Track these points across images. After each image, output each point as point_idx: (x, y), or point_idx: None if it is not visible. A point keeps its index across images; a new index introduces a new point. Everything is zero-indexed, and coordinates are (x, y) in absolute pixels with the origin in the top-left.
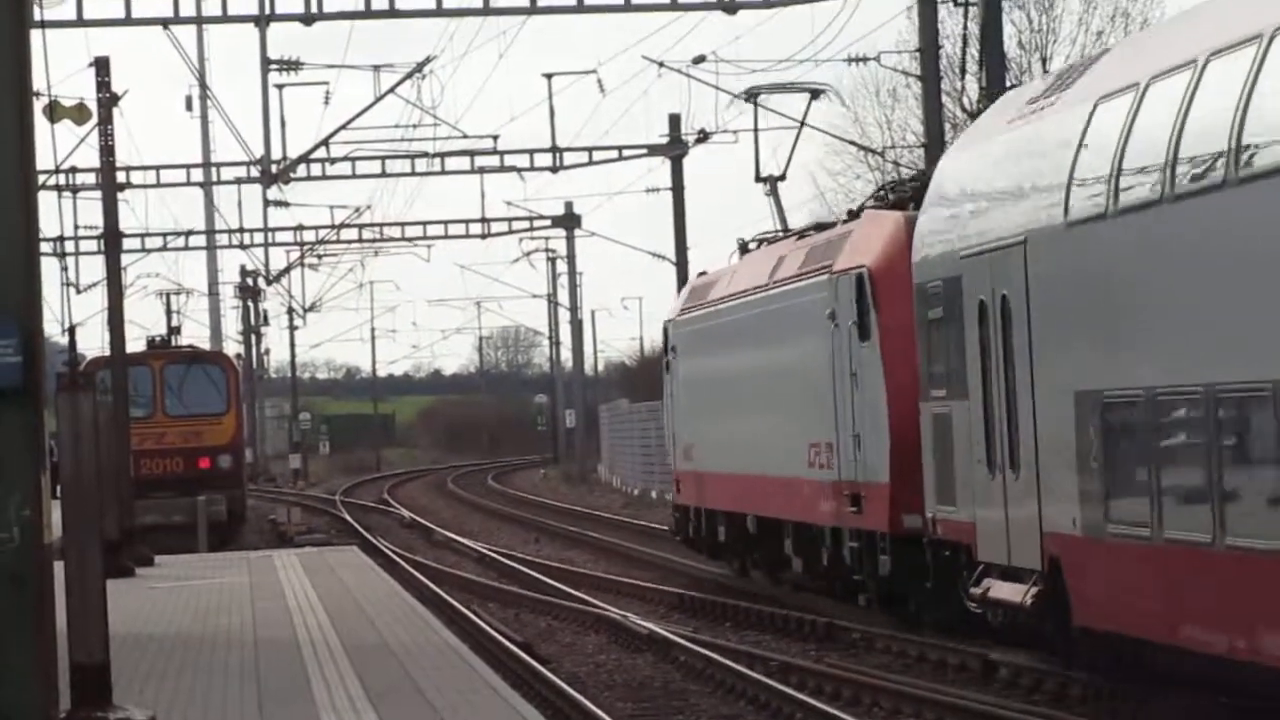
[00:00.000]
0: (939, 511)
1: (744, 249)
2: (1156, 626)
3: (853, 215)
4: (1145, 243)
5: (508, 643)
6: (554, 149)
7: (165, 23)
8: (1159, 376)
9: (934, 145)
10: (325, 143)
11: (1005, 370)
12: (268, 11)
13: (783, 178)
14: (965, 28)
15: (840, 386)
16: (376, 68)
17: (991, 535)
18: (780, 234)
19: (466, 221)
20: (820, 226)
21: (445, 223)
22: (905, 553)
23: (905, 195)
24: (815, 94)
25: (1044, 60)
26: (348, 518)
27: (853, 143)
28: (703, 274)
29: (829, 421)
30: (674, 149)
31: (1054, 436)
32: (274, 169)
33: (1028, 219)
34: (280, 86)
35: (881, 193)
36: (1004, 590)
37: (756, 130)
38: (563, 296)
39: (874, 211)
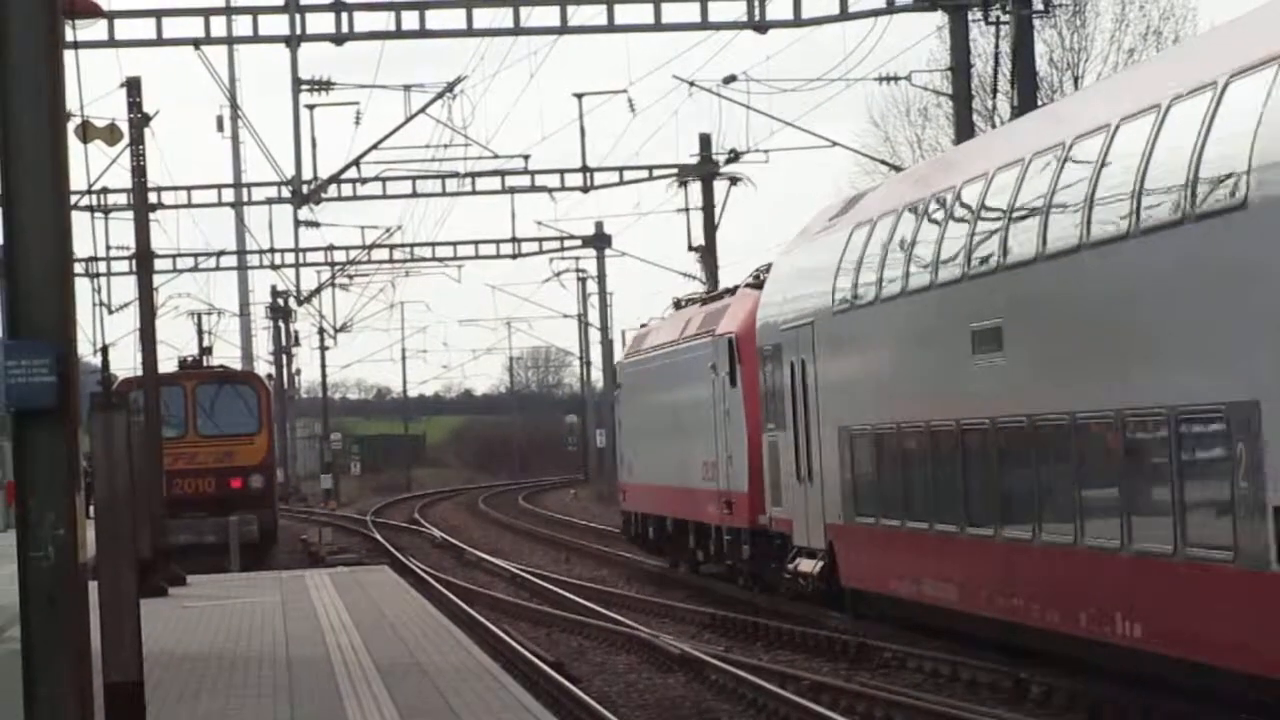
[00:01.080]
0: (774, 511)
1: (677, 305)
2: (880, 581)
3: (733, 290)
4: (863, 331)
5: (539, 662)
6: (584, 168)
7: (196, 43)
8: (873, 418)
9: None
10: (356, 163)
11: (805, 411)
12: (299, 32)
13: (709, 248)
14: (996, 46)
15: (719, 419)
16: (407, 88)
17: (800, 526)
18: (705, 295)
19: (497, 241)
20: (728, 291)
21: (476, 243)
22: (760, 542)
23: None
24: (734, 180)
25: (1076, 78)
26: (379, 538)
27: (884, 162)
28: (644, 325)
29: (713, 446)
30: (705, 168)
31: (830, 457)
32: (305, 189)
33: (814, 306)
34: (311, 106)
35: (755, 275)
36: (805, 565)
37: (688, 209)
38: (593, 316)
39: (744, 290)
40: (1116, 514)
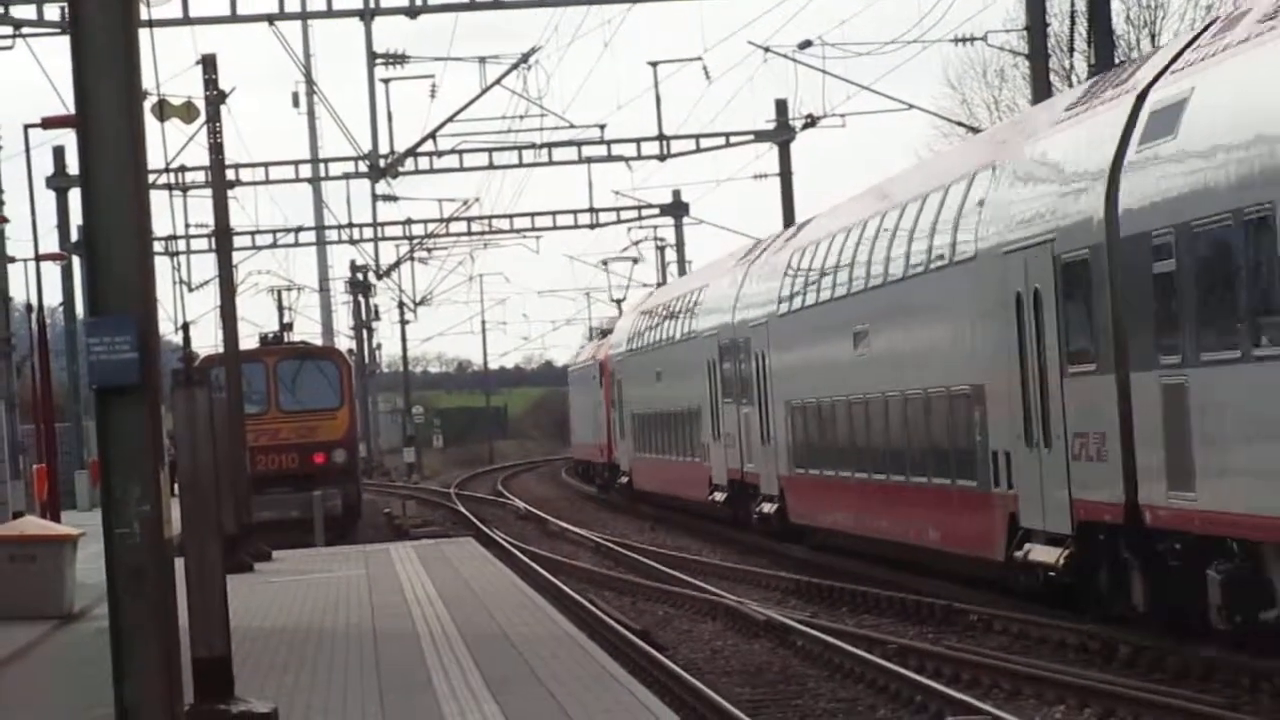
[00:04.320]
0: (747, 467)
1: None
2: (813, 517)
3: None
4: (797, 330)
5: (625, 631)
6: (661, 137)
7: (271, 19)
8: (805, 394)
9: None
10: (432, 136)
11: (765, 389)
12: (373, 5)
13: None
14: (1073, 5)
15: (602, 409)
16: (482, 60)
17: (763, 478)
18: (602, 329)
19: (575, 212)
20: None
21: (553, 213)
22: (738, 492)
23: None
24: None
25: (1153, 36)
26: (462, 510)
27: (960, 123)
28: (582, 347)
29: (604, 423)
30: (781, 134)
31: (780, 424)
32: (382, 163)
33: (763, 312)
34: (386, 80)
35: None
36: (766, 507)
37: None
38: None
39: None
40: (919, 457)
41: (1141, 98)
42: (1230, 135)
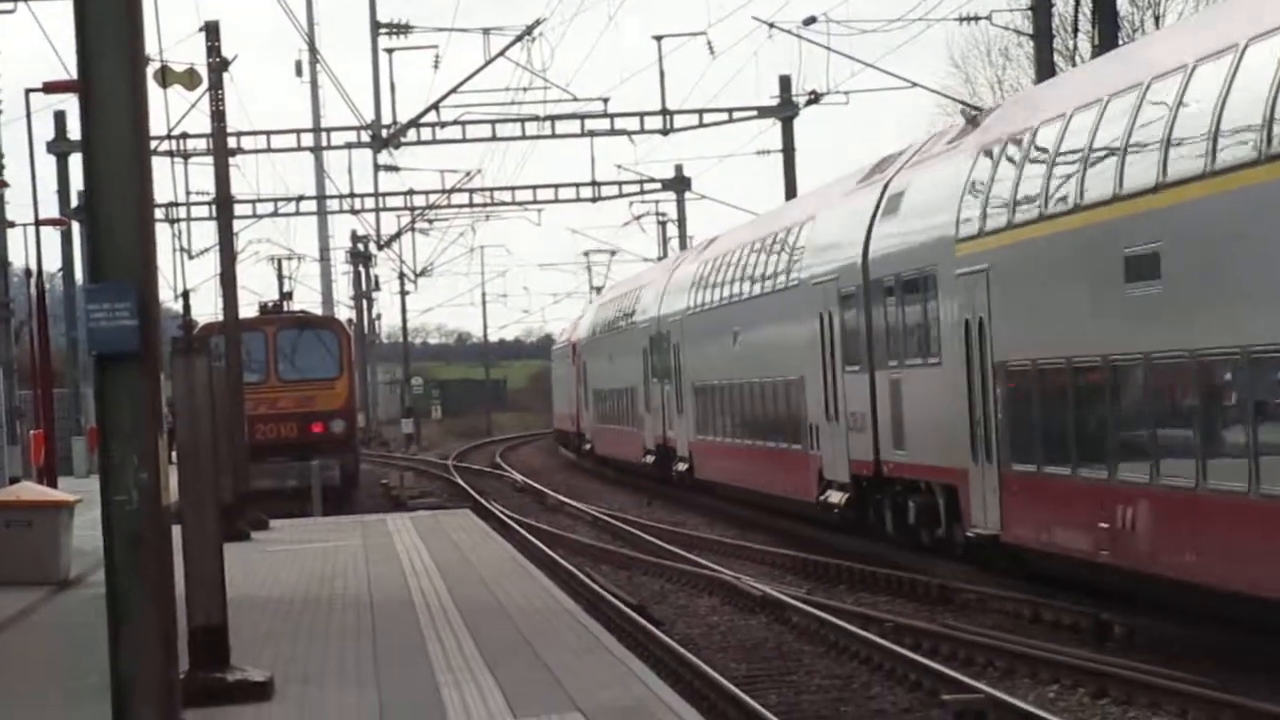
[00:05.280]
0: (669, 434)
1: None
2: (709, 473)
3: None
4: (698, 326)
5: (622, 605)
6: (664, 111)
7: None
8: (700, 378)
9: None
10: (435, 107)
11: (679, 372)
12: None
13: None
14: None
15: (575, 385)
16: (486, 31)
17: (679, 443)
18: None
19: (577, 185)
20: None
21: (555, 186)
22: (663, 455)
23: None
24: (614, 253)
25: (1157, 17)
26: (460, 482)
27: (963, 103)
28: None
29: (574, 398)
30: (784, 110)
31: (689, 401)
32: (384, 133)
33: (679, 310)
34: (390, 51)
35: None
36: (680, 466)
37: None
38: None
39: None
40: (770, 427)
41: (886, 186)
42: (920, 218)
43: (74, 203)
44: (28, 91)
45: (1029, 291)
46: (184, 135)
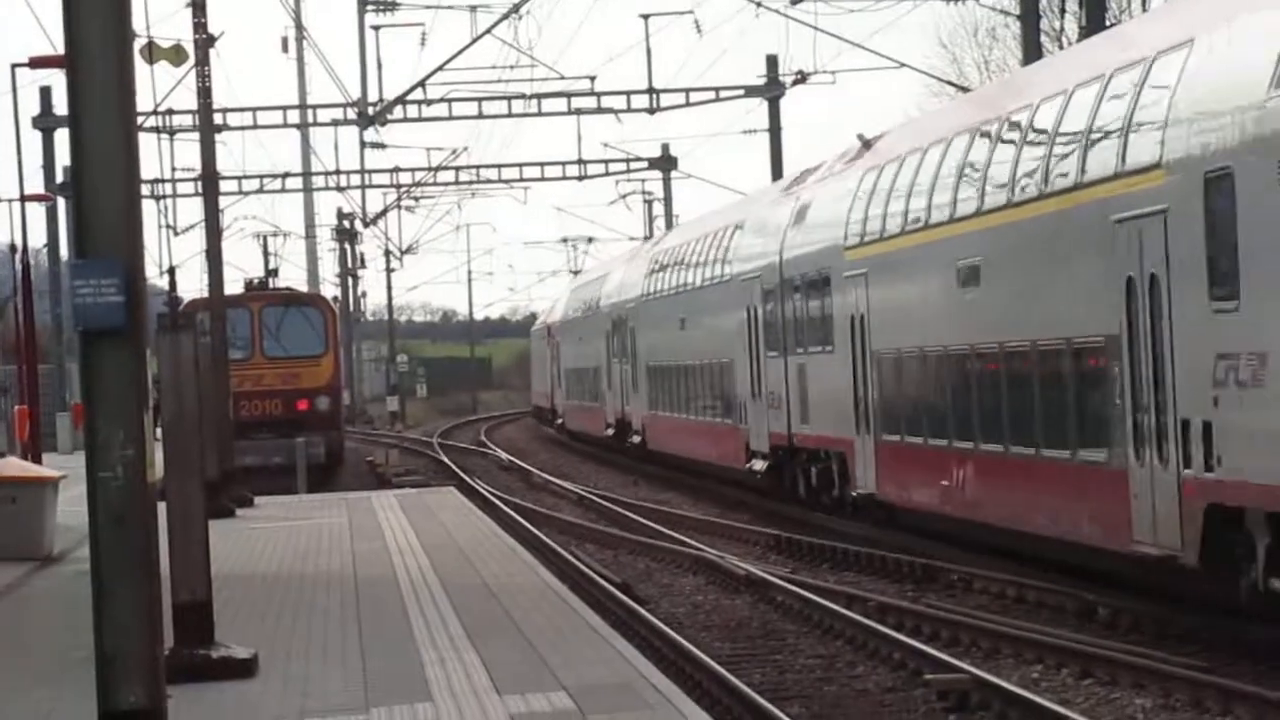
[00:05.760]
0: (627, 409)
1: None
2: (660, 444)
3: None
4: (648, 312)
5: (606, 584)
6: (651, 90)
7: None
8: (652, 359)
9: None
10: (422, 84)
11: (635, 353)
12: None
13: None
14: None
15: (549, 365)
16: (473, 8)
17: (635, 418)
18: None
19: (563, 164)
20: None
21: (542, 164)
22: (622, 428)
23: None
24: (591, 240)
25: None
26: (445, 460)
27: (950, 83)
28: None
29: (548, 376)
30: (771, 90)
31: (643, 378)
32: (370, 110)
33: (635, 297)
34: (377, 27)
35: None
36: (635, 438)
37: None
38: None
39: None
40: (708, 403)
41: (799, 198)
42: (820, 228)
43: (59, 178)
44: (14, 66)
45: (894, 292)
46: (170, 111)
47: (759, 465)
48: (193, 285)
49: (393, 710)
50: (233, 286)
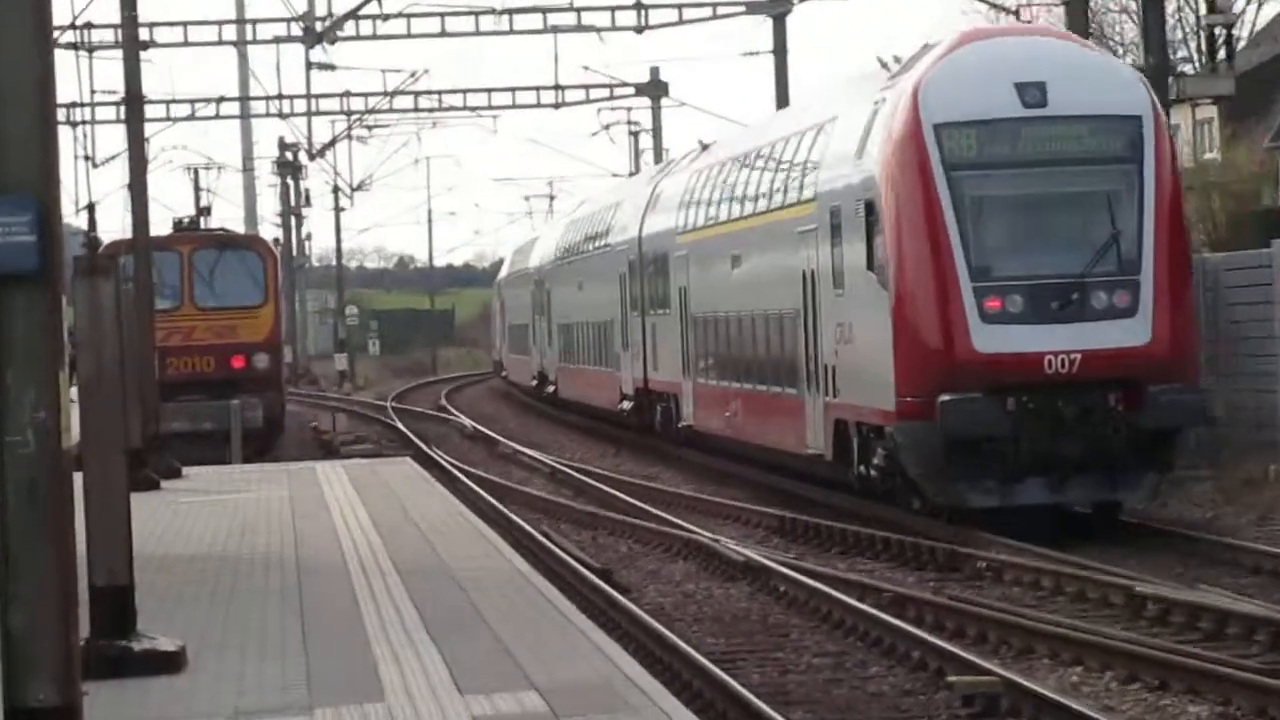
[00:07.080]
0: (544, 362)
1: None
2: (567, 392)
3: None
4: (556, 276)
5: (584, 569)
6: (638, 6)
7: None
8: (562, 317)
9: (1074, 1)
10: None
11: (549, 312)
12: None
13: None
14: None
15: (496, 323)
16: None
17: (550, 370)
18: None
19: (537, 89)
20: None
21: (513, 90)
22: (541, 379)
23: None
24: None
25: None
26: (400, 426)
27: (986, 0)
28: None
29: (500, 338)
30: (777, 6)
31: (555, 334)
32: (318, 27)
33: (550, 260)
34: None
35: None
36: (549, 388)
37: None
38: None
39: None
40: (596, 354)
41: (656, 185)
42: (665, 213)
43: None
44: None
45: (703, 270)
46: (89, 25)
47: (627, 406)
48: (114, 224)
49: (340, 710)
50: (160, 227)
